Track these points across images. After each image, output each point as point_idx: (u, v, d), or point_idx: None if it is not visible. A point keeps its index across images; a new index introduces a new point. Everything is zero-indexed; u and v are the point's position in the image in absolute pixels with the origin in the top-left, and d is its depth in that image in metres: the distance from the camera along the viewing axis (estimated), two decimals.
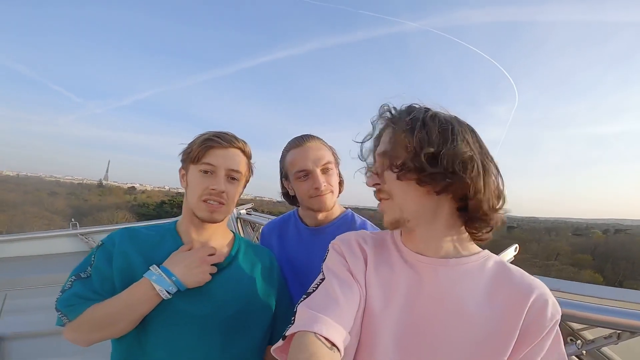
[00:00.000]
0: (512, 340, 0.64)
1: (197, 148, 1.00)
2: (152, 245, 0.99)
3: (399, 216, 0.72)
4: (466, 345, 0.65)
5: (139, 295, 0.87)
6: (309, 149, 1.16)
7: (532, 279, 0.71)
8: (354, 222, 1.24)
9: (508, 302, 0.67)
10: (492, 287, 0.69)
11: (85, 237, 3.41)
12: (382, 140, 0.75)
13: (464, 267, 0.71)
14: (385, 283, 0.73)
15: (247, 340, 1.00)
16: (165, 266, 0.92)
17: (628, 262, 57.82)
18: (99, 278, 0.92)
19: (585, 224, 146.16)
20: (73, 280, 0.92)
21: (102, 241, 0.98)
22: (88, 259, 0.95)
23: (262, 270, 1.10)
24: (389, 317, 0.69)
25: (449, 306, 0.68)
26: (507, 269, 0.73)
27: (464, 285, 0.69)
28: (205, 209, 0.99)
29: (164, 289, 0.88)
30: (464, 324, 0.66)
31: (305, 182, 1.16)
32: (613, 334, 1.05)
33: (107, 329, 0.87)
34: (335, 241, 0.82)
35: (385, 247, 0.80)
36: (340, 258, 0.77)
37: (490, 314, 0.66)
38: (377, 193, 0.76)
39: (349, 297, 0.68)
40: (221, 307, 0.96)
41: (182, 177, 1.06)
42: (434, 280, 0.70)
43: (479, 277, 0.70)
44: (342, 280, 0.71)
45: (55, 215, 53.93)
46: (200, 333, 0.93)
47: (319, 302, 0.66)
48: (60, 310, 0.88)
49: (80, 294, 0.88)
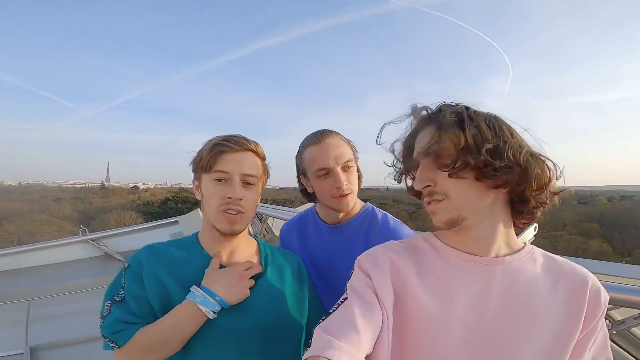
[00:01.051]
0: (579, 330, 0.68)
1: (207, 155, 0.96)
2: (179, 262, 0.97)
3: (455, 215, 0.70)
4: (538, 341, 0.67)
5: (186, 317, 0.88)
6: (329, 146, 1.12)
7: (580, 267, 0.74)
8: (375, 217, 1.21)
9: (569, 294, 0.70)
10: (550, 281, 0.71)
11: (96, 242, 3.46)
12: (421, 140, 0.72)
13: (518, 264, 0.72)
14: (438, 289, 0.71)
15: (284, 348, 0.99)
16: (206, 286, 0.91)
17: (636, 229, 57.60)
18: (134, 300, 0.92)
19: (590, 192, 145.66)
20: (110, 305, 0.91)
21: (128, 262, 0.96)
22: (118, 282, 0.94)
23: (292, 274, 1.09)
24: (452, 321, 0.67)
25: (515, 305, 0.69)
26: (555, 260, 0.76)
27: (524, 283, 0.70)
28: (225, 220, 0.96)
29: (210, 310, 0.89)
30: (534, 321, 0.67)
31: (326, 181, 1.12)
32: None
33: (158, 351, 0.88)
34: (361, 258, 0.79)
35: (424, 253, 0.77)
36: (364, 277, 0.74)
37: (556, 308, 0.69)
38: (427, 195, 0.72)
39: (369, 320, 0.66)
40: (258, 318, 0.96)
41: (196, 188, 1.02)
42: (494, 281, 0.70)
43: (534, 272, 0.72)
44: (364, 301, 0.69)
45: (63, 220, 54.30)
46: (240, 347, 0.93)
47: (336, 326, 0.65)
48: (107, 337, 0.89)
49: (122, 319, 0.89)
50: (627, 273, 1.17)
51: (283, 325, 1.00)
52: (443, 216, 0.71)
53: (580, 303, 0.69)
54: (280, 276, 1.07)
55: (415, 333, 0.69)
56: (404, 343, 0.69)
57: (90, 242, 3.49)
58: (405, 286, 0.72)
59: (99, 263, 3.48)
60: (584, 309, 0.68)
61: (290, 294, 1.05)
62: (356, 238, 1.19)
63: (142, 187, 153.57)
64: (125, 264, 0.97)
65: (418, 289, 0.71)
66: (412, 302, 0.70)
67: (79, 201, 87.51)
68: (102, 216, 52.01)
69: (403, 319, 0.70)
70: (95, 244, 3.50)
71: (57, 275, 3.22)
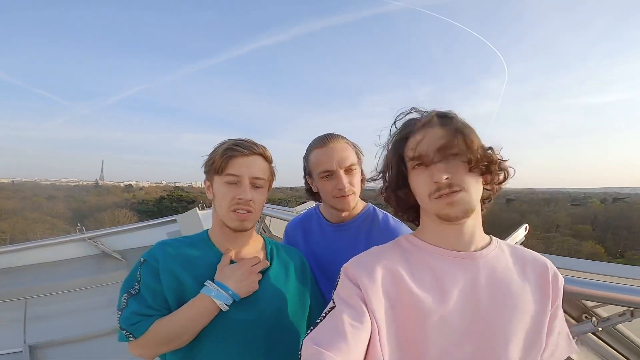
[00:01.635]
0: (549, 309, 0.77)
1: (220, 159, 1.02)
2: (193, 259, 1.03)
3: (472, 205, 0.75)
4: (523, 322, 0.74)
5: (201, 310, 0.94)
6: (333, 150, 1.17)
7: (537, 253, 0.86)
8: (376, 217, 1.27)
9: (536, 277, 0.80)
10: (519, 268, 0.81)
11: (94, 240, 3.44)
12: (432, 137, 0.76)
13: (493, 255, 0.80)
14: (432, 286, 0.75)
15: (288, 342, 1.04)
16: (219, 280, 0.98)
17: (629, 231, 58.16)
18: (150, 294, 0.96)
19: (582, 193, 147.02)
20: (127, 299, 0.97)
21: (143, 257, 1.01)
22: (133, 276, 0.99)
23: (296, 270, 1.15)
24: (451, 313, 0.72)
25: (500, 292, 0.76)
26: (517, 249, 0.86)
27: (502, 271, 0.78)
28: (235, 218, 1.02)
29: (223, 303, 0.95)
30: (516, 305, 0.75)
31: (329, 183, 1.18)
32: (627, 311, 1.08)
33: (172, 342, 0.94)
34: (348, 266, 0.79)
35: (411, 254, 0.81)
36: (352, 286, 0.74)
37: (530, 291, 0.77)
38: (446, 187, 0.74)
39: (359, 330, 0.67)
40: (264, 311, 1.01)
41: (208, 188, 1.09)
42: (479, 273, 0.77)
43: (506, 261, 0.81)
44: (352, 310, 0.70)
45: (56, 219, 53.88)
46: (246, 339, 0.98)
47: (325, 336, 0.65)
48: (125, 329, 0.93)
49: (138, 312, 0.94)
50: (615, 272, 1.22)
51: (286, 319, 1.05)
52: (463, 206, 0.74)
53: (546, 285, 0.79)
54: (284, 271, 1.13)
55: (418, 330, 0.71)
56: (407, 342, 0.71)
57: (87, 241, 3.46)
58: (400, 288, 0.74)
59: (96, 262, 3.45)
60: (550, 290, 0.78)
61: (293, 288, 1.11)
62: (358, 237, 1.24)
63: (137, 185, 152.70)
64: (142, 259, 1.01)
65: (414, 288, 0.74)
66: (410, 301, 0.73)
67: (73, 199, 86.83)
68: (96, 214, 51.67)
69: (404, 319, 0.72)
70: (93, 242, 3.47)
71: (54, 274, 3.20)
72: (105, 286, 3.17)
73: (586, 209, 78.72)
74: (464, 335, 0.72)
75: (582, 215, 72.09)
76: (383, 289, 0.74)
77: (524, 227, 1.55)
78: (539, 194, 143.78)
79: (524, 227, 1.55)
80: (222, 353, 0.97)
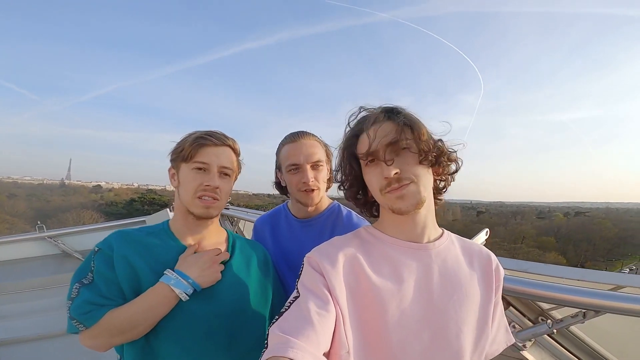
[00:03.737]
0: (493, 298, 0.83)
1: (189, 147, 1.02)
2: (150, 248, 1.00)
3: (422, 197, 0.78)
4: (472, 310, 0.78)
5: (159, 299, 0.91)
6: (302, 145, 1.21)
7: (481, 245, 0.91)
8: (341, 213, 1.31)
9: (482, 267, 0.85)
10: (467, 259, 0.85)
11: (54, 239, 3.27)
12: (381, 133, 0.78)
13: (444, 246, 0.83)
14: (389, 275, 0.77)
15: (250, 336, 1.03)
16: (180, 269, 0.96)
17: (589, 243, 61.38)
18: (104, 283, 0.92)
19: (548, 207, 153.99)
20: (78, 288, 0.92)
21: (97, 246, 0.98)
22: (87, 265, 0.95)
23: (258, 262, 1.15)
24: (408, 301, 0.74)
25: (451, 282, 0.79)
26: (465, 241, 0.90)
27: (452, 262, 0.82)
28: (201, 205, 1.02)
29: (183, 292, 0.93)
30: (466, 293, 0.79)
31: (295, 176, 1.21)
32: (579, 313, 1.13)
33: (127, 332, 0.90)
34: (311, 255, 0.79)
35: (370, 244, 0.83)
36: (316, 274, 0.74)
37: (477, 281, 0.82)
38: (395, 182, 0.76)
39: (324, 317, 0.66)
40: (225, 304, 1.00)
41: (172, 176, 1.08)
42: (432, 263, 0.80)
43: (456, 252, 0.85)
44: (318, 298, 0.70)
45: (16, 218, 51.06)
46: (207, 332, 0.96)
47: (292, 324, 0.64)
48: (75, 319, 0.89)
49: (91, 301, 0.90)
50: (568, 275, 1.28)
51: (247, 311, 1.04)
52: (413, 198, 0.76)
53: (490, 276, 0.84)
54: (246, 264, 1.12)
55: (377, 318, 0.72)
56: (367, 330, 0.72)
57: (47, 240, 3.28)
58: (359, 277, 0.75)
59: (56, 262, 3.28)
60: (493, 280, 0.84)
61: (255, 281, 1.10)
62: (323, 232, 1.27)
63: (106, 186, 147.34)
64: (96, 248, 0.98)
65: (372, 277, 0.75)
66: (368, 290, 0.74)
67: (35, 198, 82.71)
68: (60, 215, 49.27)
69: (363, 307, 0.73)
70: (53, 241, 3.29)
71: (10, 273, 3.03)
72: (64, 287, 3.00)
73: (550, 222, 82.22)
74: (421, 324, 0.74)
75: (547, 227, 75.32)
76: (344, 277, 0.75)
77: (485, 232, 1.60)
78: (507, 207, 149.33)
79: (485, 231, 1.61)
80: (182, 346, 0.94)
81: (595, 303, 1.03)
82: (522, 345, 1.23)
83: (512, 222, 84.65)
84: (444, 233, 0.87)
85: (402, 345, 0.72)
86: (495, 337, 0.85)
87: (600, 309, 1.04)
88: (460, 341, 0.75)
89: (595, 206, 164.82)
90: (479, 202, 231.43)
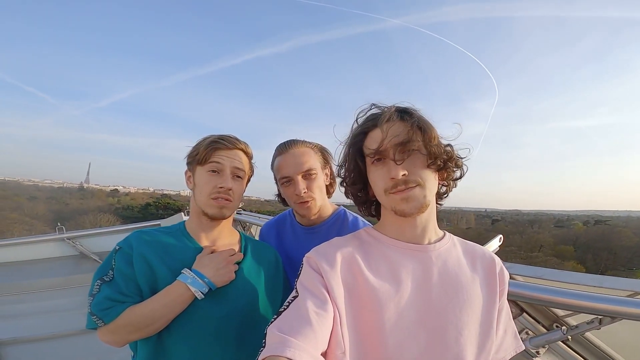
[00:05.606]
0: (497, 302, 0.81)
1: (204, 150, 1.06)
2: (167, 248, 1.04)
3: (427, 201, 0.77)
4: (474, 313, 0.77)
5: (175, 297, 0.95)
6: (291, 156, 1.19)
7: (485, 248, 0.90)
8: (346, 219, 1.29)
9: (485, 270, 0.83)
10: (470, 261, 0.84)
11: (72, 241, 3.35)
12: (392, 133, 0.76)
13: (445, 249, 0.83)
14: (387, 276, 0.76)
15: (259, 337, 1.02)
16: (196, 269, 0.99)
17: (609, 252, 59.53)
18: (123, 280, 0.96)
19: (566, 215, 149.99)
20: (100, 284, 0.96)
21: (118, 245, 1.02)
22: (108, 263, 0.99)
23: (269, 265, 1.17)
24: (405, 303, 0.73)
25: (451, 284, 0.78)
26: (467, 244, 0.89)
27: (453, 264, 0.81)
28: (215, 205, 1.05)
29: (199, 290, 0.96)
30: (467, 296, 0.77)
31: (289, 188, 1.20)
32: (595, 319, 1.10)
33: (144, 329, 0.93)
34: (310, 255, 0.80)
35: (370, 245, 0.83)
36: (315, 274, 0.75)
37: (479, 284, 0.81)
38: (402, 183, 0.76)
39: (323, 317, 0.66)
40: (235, 304, 1.02)
41: (189, 178, 1.12)
42: (431, 265, 0.79)
43: (457, 255, 0.84)
44: (316, 298, 0.70)
45: (35, 220, 52.45)
46: (217, 332, 0.99)
47: (291, 324, 0.64)
48: (95, 314, 0.92)
49: (111, 297, 0.93)
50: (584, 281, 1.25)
51: (257, 312, 1.06)
52: (418, 201, 0.76)
53: (494, 279, 0.83)
54: (257, 265, 1.14)
55: (374, 319, 0.72)
56: (364, 331, 0.72)
57: (65, 241, 3.37)
58: (357, 278, 0.75)
59: (73, 262, 3.36)
60: (497, 284, 0.82)
61: (266, 282, 1.13)
62: (328, 239, 1.23)
63: (123, 190, 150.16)
64: (117, 247, 1.01)
65: (370, 278, 0.75)
66: (366, 291, 0.74)
67: (55, 201, 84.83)
68: (78, 218, 50.49)
69: (360, 308, 0.73)
70: (71, 242, 3.38)
71: (29, 273, 3.11)
72: (81, 287, 3.08)
73: (569, 231, 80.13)
74: (417, 326, 0.73)
75: (565, 236, 73.39)
76: (342, 277, 0.75)
77: (499, 238, 1.56)
78: (524, 215, 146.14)
79: (499, 237, 1.57)
80: (193, 345, 0.96)
81: (611, 309, 1.00)
82: (535, 352, 1.20)
83: (529, 231, 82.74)
84: (445, 235, 0.86)
85: (398, 346, 0.71)
86: (502, 343, 0.83)
87: (617, 315, 1.01)
88: (459, 345, 0.73)
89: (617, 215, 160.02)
90: (494, 210, 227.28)
